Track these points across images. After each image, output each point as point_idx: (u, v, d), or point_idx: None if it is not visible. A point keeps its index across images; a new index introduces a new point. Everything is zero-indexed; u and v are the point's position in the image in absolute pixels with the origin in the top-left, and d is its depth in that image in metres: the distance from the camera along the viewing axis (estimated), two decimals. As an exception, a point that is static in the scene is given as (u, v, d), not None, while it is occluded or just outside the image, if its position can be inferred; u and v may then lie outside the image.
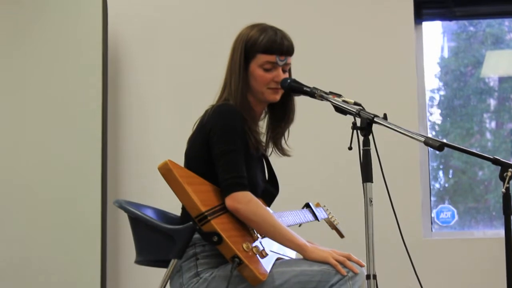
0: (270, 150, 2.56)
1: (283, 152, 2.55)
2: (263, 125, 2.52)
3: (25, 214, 3.88)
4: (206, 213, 2.15)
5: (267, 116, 2.53)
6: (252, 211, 2.22)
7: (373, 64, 4.06)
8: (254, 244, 2.22)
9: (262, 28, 2.41)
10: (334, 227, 2.86)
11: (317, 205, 2.79)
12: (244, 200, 2.22)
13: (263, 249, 2.24)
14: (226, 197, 2.22)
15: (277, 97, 2.42)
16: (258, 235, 2.29)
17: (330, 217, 2.82)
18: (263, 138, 2.48)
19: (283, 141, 2.54)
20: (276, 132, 2.51)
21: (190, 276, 2.26)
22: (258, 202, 2.26)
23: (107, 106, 3.94)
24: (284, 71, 2.40)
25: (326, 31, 4.11)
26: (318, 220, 2.75)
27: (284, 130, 2.53)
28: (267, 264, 2.22)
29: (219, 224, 2.16)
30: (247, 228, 2.28)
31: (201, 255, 2.26)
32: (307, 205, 2.74)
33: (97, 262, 3.76)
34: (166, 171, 2.19)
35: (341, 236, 2.88)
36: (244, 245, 2.18)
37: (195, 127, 2.41)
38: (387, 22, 4.10)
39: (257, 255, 2.20)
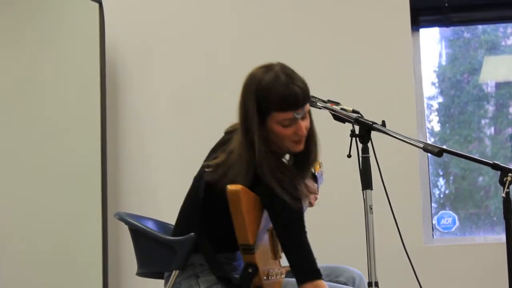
0: None
1: None
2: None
3: (25, 228, 3.87)
4: (253, 246, 2.14)
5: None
6: None
7: (371, 72, 4.06)
8: (275, 271, 2.26)
9: (273, 78, 2.16)
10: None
11: (317, 169, 2.62)
12: None
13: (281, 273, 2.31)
14: (307, 282, 2.12)
15: (301, 147, 2.26)
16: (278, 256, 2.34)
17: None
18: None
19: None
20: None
21: None
22: None
23: (106, 119, 3.93)
24: (303, 118, 2.21)
25: (323, 39, 4.11)
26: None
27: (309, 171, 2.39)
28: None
29: (259, 256, 2.17)
30: (271, 253, 2.31)
31: (202, 273, 2.25)
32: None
33: (98, 275, 3.75)
34: (235, 197, 2.12)
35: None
36: (268, 273, 2.21)
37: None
38: (384, 29, 4.10)
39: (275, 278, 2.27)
